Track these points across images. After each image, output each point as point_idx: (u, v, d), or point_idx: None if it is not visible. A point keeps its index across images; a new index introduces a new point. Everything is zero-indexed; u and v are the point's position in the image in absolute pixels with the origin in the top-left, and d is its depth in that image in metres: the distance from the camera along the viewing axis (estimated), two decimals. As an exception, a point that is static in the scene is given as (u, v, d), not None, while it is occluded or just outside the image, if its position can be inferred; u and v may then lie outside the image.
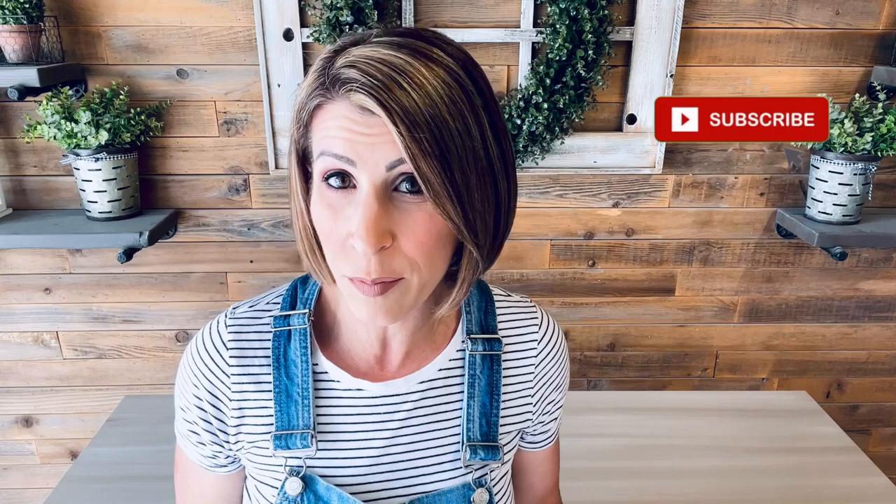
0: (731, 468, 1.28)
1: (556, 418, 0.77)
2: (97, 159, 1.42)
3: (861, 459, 1.29)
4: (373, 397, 0.66)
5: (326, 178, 0.54)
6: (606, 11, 1.41)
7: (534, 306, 0.74)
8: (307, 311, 0.67)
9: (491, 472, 0.69)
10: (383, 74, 0.50)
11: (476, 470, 0.68)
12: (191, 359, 0.68)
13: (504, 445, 0.70)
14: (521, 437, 0.76)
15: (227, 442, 0.68)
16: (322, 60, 0.54)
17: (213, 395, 0.66)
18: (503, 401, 0.70)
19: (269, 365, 0.66)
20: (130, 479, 1.23)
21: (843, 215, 1.52)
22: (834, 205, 1.52)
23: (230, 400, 0.66)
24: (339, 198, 0.54)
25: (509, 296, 0.74)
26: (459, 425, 0.68)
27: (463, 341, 0.69)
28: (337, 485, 0.65)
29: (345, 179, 0.53)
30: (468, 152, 0.52)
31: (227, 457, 0.70)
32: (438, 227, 0.54)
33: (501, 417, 0.69)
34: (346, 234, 0.53)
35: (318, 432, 0.65)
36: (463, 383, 0.68)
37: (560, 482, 0.86)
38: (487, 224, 0.56)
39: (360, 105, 0.50)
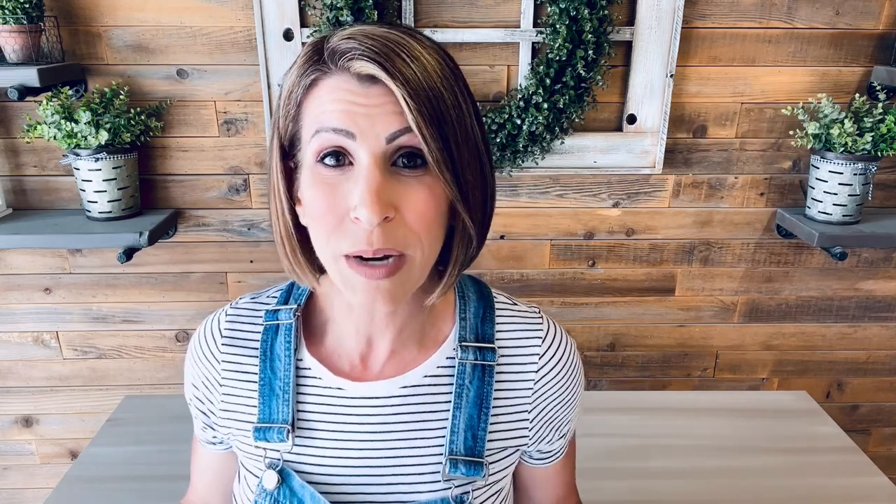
0: (731, 468, 1.27)
1: (564, 435, 0.72)
2: (97, 159, 1.42)
3: (861, 459, 1.29)
4: (352, 398, 0.65)
5: (321, 158, 0.53)
6: (606, 11, 1.41)
7: (540, 317, 0.70)
8: (296, 306, 0.68)
9: (474, 489, 0.65)
10: (382, 45, 0.51)
11: (457, 486, 0.64)
12: (194, 343, 0.72)
13: (491, 463, 0.66)
14: (530, 456, 0.73)
15: (216, 424, 0.71)
16: (313, 43, 0.54)
17: (206, 378, 0.70)
18: (494, 415, 0.66)
19: (258, 357, 0.67)
20: (130, 479, 1.23)
21: (843, 215, 1.52)
22: (834, 205, 1.52)
23: (220, 386, 0.68)
24: (335, 175, 0.53)
25: (515, 304, 0.71)
26: (443, 437, 0.65)
27: (454, 349, 0.66)
28: (313, 482, 0.64)
29: (339, 158, 0.53)
30: (461, 125, 0.54)
31: (215, 437, 0.73)
32: (438, 199, 0.54)
33: (491, 432, 0.65)
34: (345, 209, 0.53)
35: (297, 428, 0.65)
36: (450, 393, 0.65)
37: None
38: (478, 198, 0.57)
39: (360, 73, 0.51)
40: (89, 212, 1.50)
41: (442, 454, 0.65)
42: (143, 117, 1.45)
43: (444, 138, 0.52)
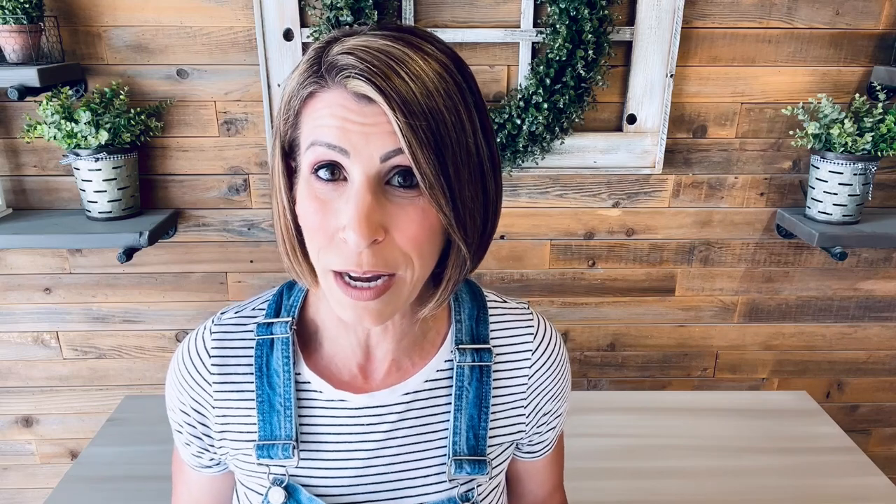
0: (731, 468, 1.28)
1: (553, 428, 0.74)
2: (97, 159, 1.42)
3: (861, 459, 1.29)
4: (356, 409, 0.65)
5: (316, 171, 0.52)
6: (606, 11, 1.41)
7: (530, 313, 0.71)
8: (290, 319, 0.66)
9: (478, 486, 0.67)
10: (381, 62, 0.49)
11: (462, 484, 0.66)
12: (176, 365, 0.68)
13: (493, 459, 0.68)
14: (518, 448, 0.74)
15: (212, 446, 0.68)
16: (315, 50, 0.53)
17: (196, 402, 0.66)
18: (493, 413, 0.67)
19: (252, 374, 0.65)
20: (130, 479, 1.23)
21: (843, 215, 1.52)
22: (834, 205, 1.52)
23: (213, 408, 0.66)
24: (328, 190, 0.52)
25: (505, 302, 0.72)
26: (446, 438, 0.66)
27: (452, 351, 0.67)
28: (320, 495, 0.64)
29: (334, 172, 0.52)
30: (461, 147, 0.52)
31: (212, 459, 0.70)
32: (431, 222, 0.53)
33: (491, 430, 0.67)
34: (335, 228, 0.52)
35: (301, 443, 0.64)
36: (450, 395, 0.66)
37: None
38: (476, 222, 0.56)
39: (356, 92, 0.49)
40: (89, 212, 1.50)
41: (446, 455, 0.66)
42: (143, 117, 1.45)
43: (441, 161, 0.50)
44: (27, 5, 1.34)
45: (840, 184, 1.49)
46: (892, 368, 1.86)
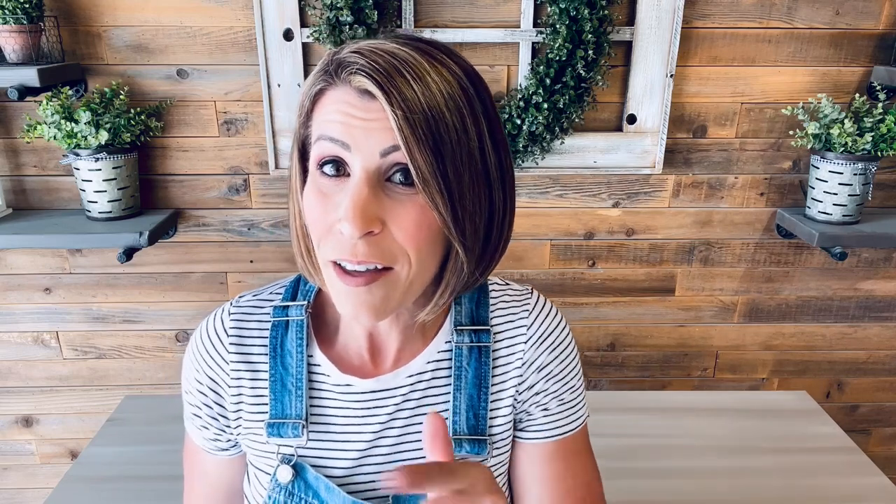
0: (731, 468, 1.27)
1: (549, 414, 0.70)
2: (97, 159, 1.42)
3: (861, 459, 1.29)
4: (361, 393, 0.67)
5: (321, 166, 0.55)
6: (606, 11, 1.41)
7: (528, 293, 0.72)
8: (306, 302, 0.69)
9: None
10: (386, 62, 0.51)
11: None
12: (194, 345, 0.70)
13: (494, 441, 0.68)
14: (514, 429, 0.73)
15: (228, 427, 0.70)
16: (329, 53, 0.56)
17: (213, 380, 0.68)
18: (493, 392, 0.68)
19: (267, 354, 0.67)
20: (130, 479, 1.23)
21: (843, 215, 1.52)
22: (834, 205, 1.52)
23: (229, 386, 0.68)
24: (331, 185, 0.54)
25: (507, 285, 0.73)
26: (446, 419, 0.67)
27: (451, 333, 0.69)
28: (327, 475, 0.66)
29: (339, 168, 0.54)
30: (463, 149, 0.53)
31: (228, 440, 0.71)
32: (430, 221, 0.54)
33: (491, 410, 0.68)
34: (334, 220, 0.54)
35: (310, 423, 0.66)
36: (450, 375, 0.68)
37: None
38: (478, 229, 0.57)
39: (359, 88, 0.52)
40: (89, 212, 1.50)
41: None
42: (143, 117, 1.45)
43: (438, 159, 0.51)
44: (27, 5, 1.34)
45: (840, 184, 1.49)
46: (892, 368, 1.86)
